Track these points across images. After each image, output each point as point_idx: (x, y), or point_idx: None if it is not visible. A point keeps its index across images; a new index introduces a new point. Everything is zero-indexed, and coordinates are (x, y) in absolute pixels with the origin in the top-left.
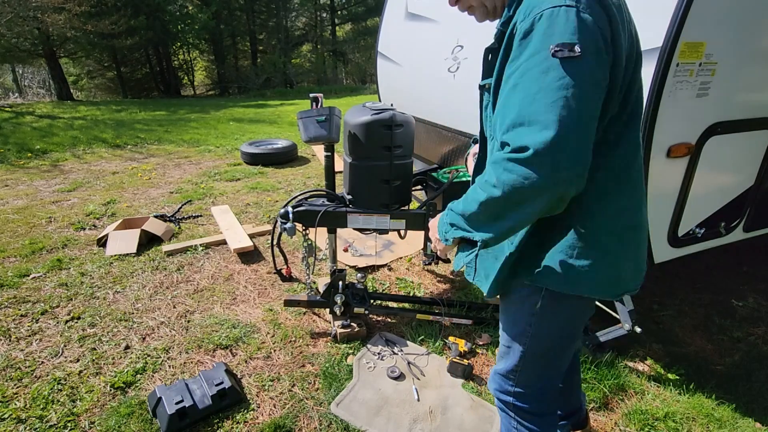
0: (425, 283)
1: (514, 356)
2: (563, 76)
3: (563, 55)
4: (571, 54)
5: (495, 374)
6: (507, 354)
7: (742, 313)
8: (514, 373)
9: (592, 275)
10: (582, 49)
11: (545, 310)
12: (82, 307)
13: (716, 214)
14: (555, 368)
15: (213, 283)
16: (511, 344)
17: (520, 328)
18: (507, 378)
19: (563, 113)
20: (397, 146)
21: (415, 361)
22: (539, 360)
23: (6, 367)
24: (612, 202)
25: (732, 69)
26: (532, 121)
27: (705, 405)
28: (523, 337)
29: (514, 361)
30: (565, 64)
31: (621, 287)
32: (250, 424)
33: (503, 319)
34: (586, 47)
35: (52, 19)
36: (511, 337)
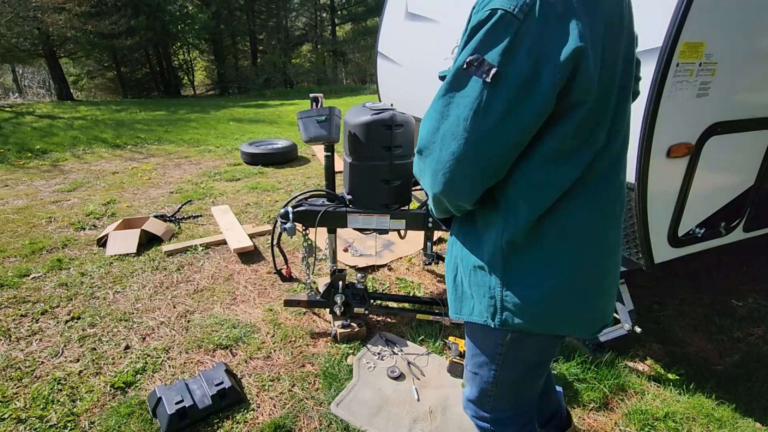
0: (425, 283)
1: (483, 383)
2: (465, 97)
3: (476, 73)
4: (484, 77)
5: (467, 401)
6: (473, 380)
7: (742, 313)
8: (487, 399)
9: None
10: (500, 74)
11: (515, 344)
12: (82, 307)
13: (716, 214)
14: (529, 392)
15: (213, 283)
16: (478, 371)
17: (487, 358)
18: (480, 405)
19: (449, 157)
20: (397, 146)
21: (415, 361)
22: (511, 387)
23: (6, 367)
24: (589, 253)
25: (732, 69)
26: (426, 161)
27: (705, 405)
28: (490, 366)
29: (483, 387)
30: (473, 84)
31: (601, 323)
32: (250, 424)
33: (468, 343)
34: (507, 74)
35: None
36: (477, 365)
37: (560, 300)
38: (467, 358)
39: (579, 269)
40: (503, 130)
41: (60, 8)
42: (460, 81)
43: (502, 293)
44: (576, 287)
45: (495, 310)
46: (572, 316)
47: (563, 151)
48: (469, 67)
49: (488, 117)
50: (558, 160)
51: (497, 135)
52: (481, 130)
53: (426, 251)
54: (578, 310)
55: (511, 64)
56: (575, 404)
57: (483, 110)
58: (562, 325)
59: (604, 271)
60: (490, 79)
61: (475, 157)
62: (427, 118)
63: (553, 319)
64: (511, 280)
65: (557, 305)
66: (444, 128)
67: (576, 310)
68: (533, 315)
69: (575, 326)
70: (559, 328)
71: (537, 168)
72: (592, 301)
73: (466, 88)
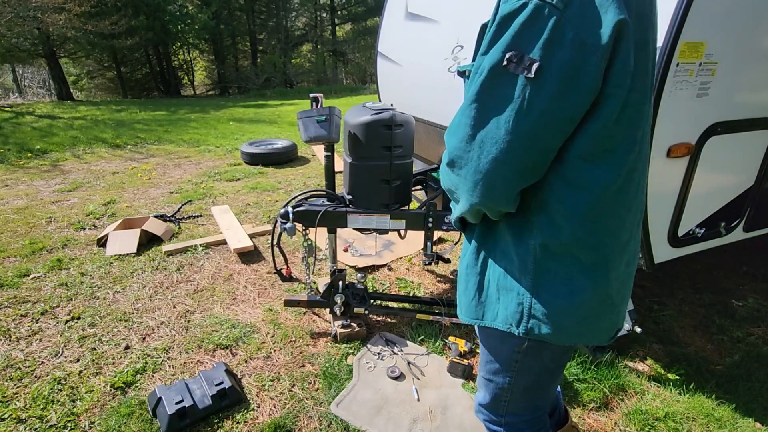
0: (425, 283)
1: (497, 389)
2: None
3: (516, 70)
4: (525, 73)
5: (479, 406)
6: (487, 386)
7: (742, 313)
8: (502, 404)
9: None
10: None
11: (531, 351)
12: (82, 307)
13: (716, 214)
14: (544, 397)
15: (213, 283)
16: (492, 378)
17: (503, 365)
18: (493, 411)
19: (489, 164)
20: (397, 146)
21: (415, 361)
22: (526, 393)
23: (6, 367)
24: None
25: (732, 69)
26: (461, 173)
27: (705, 405)
28: (506, 373)
29: (497, 393)
30: (510, 81)
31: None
32: (250, 424)
33: (482, 349)
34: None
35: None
36: (492, 372)
37: (590, 311)
38: (480, 364)
39: (611, 279)
40: (547, 126)
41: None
42: (496, 80)
43: (531, 300)
44: (607, 297)
45: (521, 317)
46: (597, 326)
47: (599, 149)
48: (508, 64)
49: (531, 114)
50: (595, 160)
51: (541, 132)
52: (524, 130)
53: (426, 251)
54: (604, 319)
55: (555, 56)
56: (575, 404)
57: (526, 109)
58: (587, 335)
59: (628, 278)
60: (533, 75)
61: (518, 159)
62: (458, 127)
63: (580, 329)
64: (541, 287)
65: (586, 316)
66: (482, 135)
67: (602, 319)
68: (560, 325)
69: (598, 335)
70: (583, 338)
71: (572, 167)
72: (617, 309)
73: (504, 88)
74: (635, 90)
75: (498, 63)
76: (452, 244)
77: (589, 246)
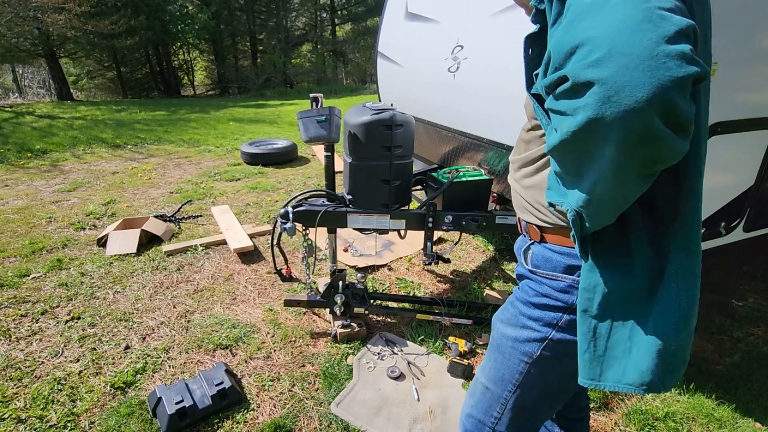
0: (425, 283)
1: (493, 401)
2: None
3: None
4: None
5: (469, 417)
6: (483, 395)
7: (742, 313)
8: (492, 420)
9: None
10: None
11: (544, 361)
12: (82, 307)
13: (716, 214)
14: (543, 418)
15: (213, 283)
16: (492, 387)
17: (507, 373)
18: (483, 424)
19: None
20: (397, 146)
21: (415, 361)
22: (525, 411)
23: (6, 367)
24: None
25: (732, 69)
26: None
27: (705, 405)
28: (509, 384)
29: (491, 405)
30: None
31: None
32: (250, 424)
33: (488, 353)
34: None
35: (52, 19)
36: (493, 379)
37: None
38: (480, 371)
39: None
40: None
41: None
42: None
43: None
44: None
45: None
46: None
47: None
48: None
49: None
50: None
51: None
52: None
53: (426, 251)
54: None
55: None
56: None
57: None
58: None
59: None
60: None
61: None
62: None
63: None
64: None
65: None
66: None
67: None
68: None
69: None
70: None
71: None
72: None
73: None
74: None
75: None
76: (452, 244)
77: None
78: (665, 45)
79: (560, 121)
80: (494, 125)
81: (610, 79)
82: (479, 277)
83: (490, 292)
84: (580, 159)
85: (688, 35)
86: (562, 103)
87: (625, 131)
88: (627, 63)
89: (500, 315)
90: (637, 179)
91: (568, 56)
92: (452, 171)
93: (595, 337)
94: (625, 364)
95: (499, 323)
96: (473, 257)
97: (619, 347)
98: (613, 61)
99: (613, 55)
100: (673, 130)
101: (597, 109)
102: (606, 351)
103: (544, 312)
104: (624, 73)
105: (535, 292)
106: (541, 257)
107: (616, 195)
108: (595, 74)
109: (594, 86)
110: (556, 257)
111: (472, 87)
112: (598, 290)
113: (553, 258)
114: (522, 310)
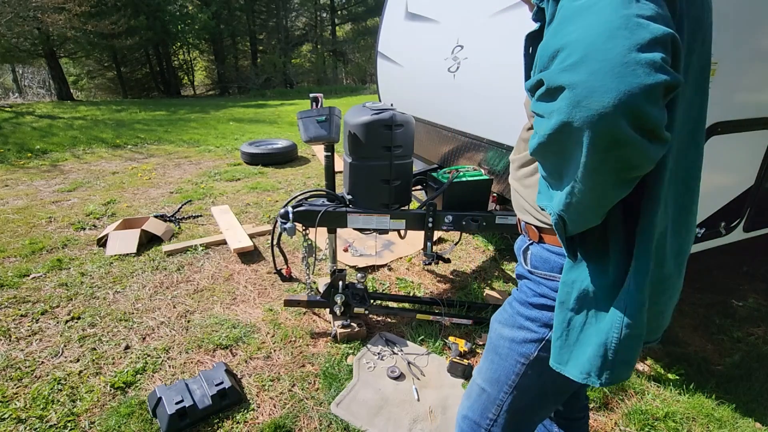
0: (425, 283)
1: (489, 403)
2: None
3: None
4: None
5: (465, 419)
6: (479, 397)
7: (742, 313)
8: (488, 421)
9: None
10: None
11: (541, 362)
12: (82, 307)
13: (716, 214)
14: (538, 419)
15: (213, 283)
16: (488, 389)
17: (503, 374)
18: (479, 426)
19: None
20: (397, 146)
21: (415, 361)
22: (521, 413)
23: (6, 367)
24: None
25: (732, 69)
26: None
27: (705, 405)
28: (504, 385)
29: (487, 407)
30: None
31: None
32: (250, 424)
33: (485, 354)
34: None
35: (52, 19)
36: (489, 381)
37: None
38: (477, 372)
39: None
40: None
41: (60, 8)
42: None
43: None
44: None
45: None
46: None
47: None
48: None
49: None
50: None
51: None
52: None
53: (426, 251)
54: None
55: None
56: None
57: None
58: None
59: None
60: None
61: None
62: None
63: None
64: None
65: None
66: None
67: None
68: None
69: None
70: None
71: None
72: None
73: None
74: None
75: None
76: (452, 244)
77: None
78: (636, 53)
79: (538, 124)
80: (494, 125)
81: (581, 84)
82: (479, 277)
83: (490, 292)
84: (559, 162)
85: (665, 43)
86: (540, 105)
87: (594, 135)
88: (598, 68)
89: (498, 316)
90: (614, 184)
91: (550, 59)
92: (452, 171)
93: (569, 327)
94: (583, 355)
95: (497, 324)
96: (473, 257)
97: (589, 340)
98: (585, 66)
99: (586, 61)
100: (644, 137)
101: (567, 113)
102: (576, 342)
103: (542, 312)
104: (595, 78)
105: (533, 292)
106: (539, 258)
107: (592, 199)
108: (567, 79)
109: (565, 90)
110: (554, 258)
111: (472, 87)
112: (575, 286)
113: (551, 258)
114: (519, 310)
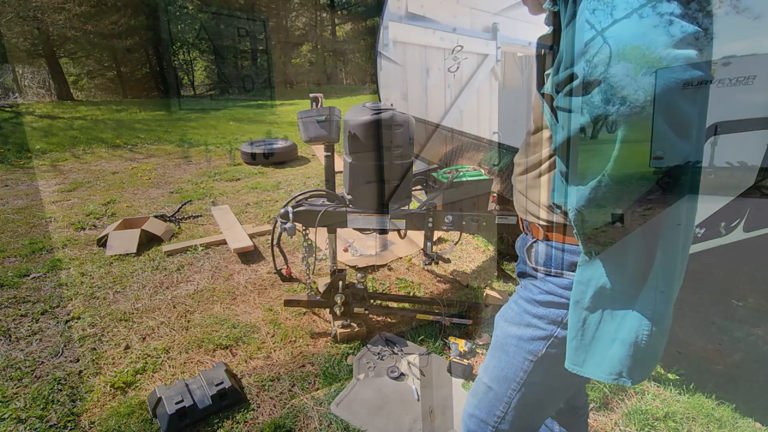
0: (425, 283)
1: (496, 401)
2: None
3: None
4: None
5: (472, 417)
6: (486, 395)
7: (742, 313)
8: (496, 419)
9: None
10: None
11: (549, 359)
12: (82, 307)
13: (716, 214)
14: (546, 415)
15: (213, 283)
16: (495, 387)
17: (511, 372)
18: (486, 424)
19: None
20: (397, 146)
21: (415, 361)
22: (529, 409)
23: (6, 367)
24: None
25: (732, 68)
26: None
27: (705, 405)
28: (512, 383)
29: (495, 405)
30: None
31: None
32: (250, 424)
33: (490, 353)
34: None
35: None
36: (496, 379)
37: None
38: (483, 371)
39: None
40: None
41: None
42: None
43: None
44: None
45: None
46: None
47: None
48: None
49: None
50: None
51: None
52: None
53: (426, 251)
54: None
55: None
56: None
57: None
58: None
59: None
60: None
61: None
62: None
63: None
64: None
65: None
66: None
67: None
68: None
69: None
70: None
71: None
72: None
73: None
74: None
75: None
76: (452, 244)
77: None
78: (672, 49)
79: (566, 119)
80: (494, 125)
81: (618, 78)
82: (479, 277)
83: (490, 292)
84: (587, 157)
85: (695, 41)
86: (570, 100)
87: (628, 130)
88: (635, 63)
89: (503, 314)
90: (641, 178)
91: (579, 55)
92: (452, 171)
93: (584, 327)
94: (604, 355)
95: (503, 322)
96: (473, 257)
97: (605, 339)
98: (622, 61)
99: (622, 56)
100: (675, 132)
101: (603, 107)
102: (592, 341)
103: (549, 309)
104: (632, 72)
105: (539, 289)
106: (545, 255)
107: (617, 194)
108: (602, 73)
109: (601, 84)
110: (560, 255)
111: (471, 87)
112: (591, 284)
113: (558, 255)
114: (526, 308)
